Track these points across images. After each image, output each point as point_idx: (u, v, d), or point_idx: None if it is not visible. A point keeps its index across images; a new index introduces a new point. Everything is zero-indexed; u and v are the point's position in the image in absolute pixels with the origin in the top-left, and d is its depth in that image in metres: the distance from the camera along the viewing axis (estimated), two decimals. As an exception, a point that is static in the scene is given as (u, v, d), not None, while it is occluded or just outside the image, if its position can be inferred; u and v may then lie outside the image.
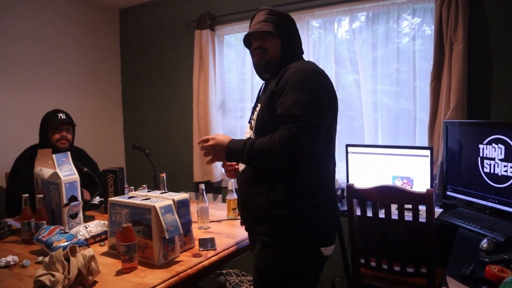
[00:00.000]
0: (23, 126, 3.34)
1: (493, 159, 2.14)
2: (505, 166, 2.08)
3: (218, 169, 3.53)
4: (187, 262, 1.59)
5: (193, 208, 1.97)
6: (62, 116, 2.56)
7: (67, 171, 1.97)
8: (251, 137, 1.54)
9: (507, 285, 1.17)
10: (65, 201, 1.92)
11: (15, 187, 2.43)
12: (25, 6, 3.41)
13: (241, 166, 1.58)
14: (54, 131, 2.54)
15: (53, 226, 1.76)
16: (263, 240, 1.46)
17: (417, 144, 2.79)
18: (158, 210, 1.52)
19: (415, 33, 2.79)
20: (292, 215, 1.42)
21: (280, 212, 1.43)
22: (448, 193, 2.45)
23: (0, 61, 3.26)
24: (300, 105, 1.34)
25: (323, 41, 3.13)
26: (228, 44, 3.64)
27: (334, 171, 1.58)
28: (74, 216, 1.96)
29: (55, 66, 3.67)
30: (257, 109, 1.55)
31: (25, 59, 3.43)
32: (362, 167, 2.69)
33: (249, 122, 1.63)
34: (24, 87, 3.43)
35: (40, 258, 1.63)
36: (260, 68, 1.62)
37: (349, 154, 2.72)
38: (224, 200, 2.90)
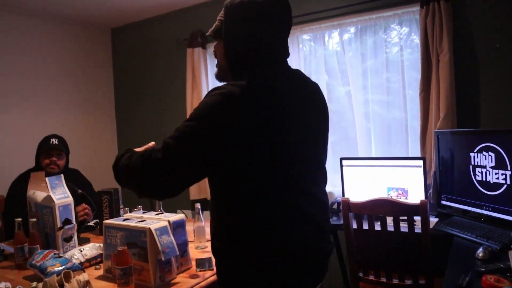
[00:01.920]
0: (19, 149, 3.35)
1: (484, 167, 2.16)
2: (496, 173, 2.10)
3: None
4: (185, 283, 1.57)
5: (190, 227, 1.96)
6: (54, 141, 2.57)
7: (60, 194, 1.96)
8: None
9: (504, 295, 1.17)
10: (59, 224, 1.90)
11: (10, 211, 2.43)
12: (18, 28, 3.43)
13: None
14: (44, 155, 2.56)
15: (47, 251, 1.74)
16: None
17: (410, 153, 2.82)
18: (153, 232, 1.52)
19: (404, 43, 2.85)
20: (228, 266, 1.22)
21: (220, 261, 1.25)
22: (443, 202, 2.47)
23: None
24: (174, 132, 1.13)
25: (313, 54, 3.17)
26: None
27: (297, 208, 1.20)
28: (68, 239, 1.94)
29: (50, 87, 3.68)
30: None
31: (18, 81, 3.43)
32: (357, 180, 2.70)
33: None
34: (19, 110, 3.44)
35: (34, 284, 1.60)
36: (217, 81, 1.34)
37: (343, 167, 2.73)
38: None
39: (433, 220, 2.38)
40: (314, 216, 1.24)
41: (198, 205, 2.08)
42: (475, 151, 2.22)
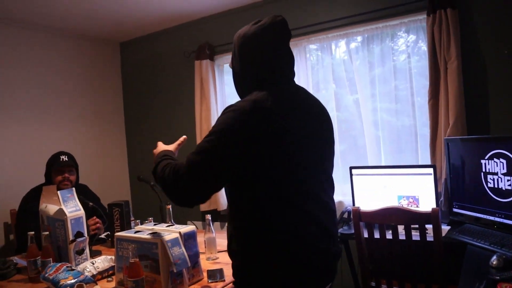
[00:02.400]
0: (29, 163, 3.39)
1: (496, 173, 2.14)
2: (508, 180, 2.08)
3: (223, 197, 3.52)
4: (196, 294, 1.57)
5: (201, 238, 1.97)
6: (64, 158, 2.62)
7: (72, 207, 1.98)
8: None
9: (520, 304, 1.16)
10: (71, 237, 1.92)
11: (23, 224, 2.46)
12: (27, 43, 3.50)
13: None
14: (56, 173, 2.60)
15: (60, 263, 1.75)
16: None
17: (420, 160, 2.81)
18: (165, 244, 1.52)
19: (411, 50, 2.85)
20: (243, 267, 1.32)
21: (236, 262, 1.35)
22: (455, 209, 2.44)
23: (3, 99, 3.32)
24: (196, 149, 1.27)
25: (321, 63, 3.19)
26: (228, 71, 3.70)
27: (311, 219, 1.30)
28: (80, 252, 1.96)
29: (59, 102, 3.73)
30: None
31: (28, 96, 3.49)
32: (367, 189, 2.68)
33: None
34: (28, 124, 3.48)
35: (48, 298, 1.62)
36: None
37: (353, 176, 2.72)
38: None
39: (445, 228, 2.35)
40: (321, 219, 1.32)
41: (208, 216, 2.09)
42: (486, 158, 2.20)
